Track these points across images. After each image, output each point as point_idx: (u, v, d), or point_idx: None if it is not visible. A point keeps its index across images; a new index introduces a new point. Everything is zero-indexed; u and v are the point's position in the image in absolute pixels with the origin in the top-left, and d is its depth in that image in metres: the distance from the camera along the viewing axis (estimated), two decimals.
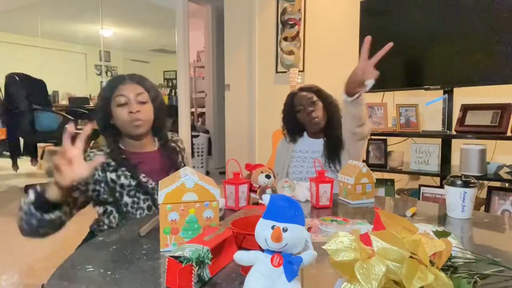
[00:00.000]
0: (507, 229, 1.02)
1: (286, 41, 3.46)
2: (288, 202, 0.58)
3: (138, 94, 1.24)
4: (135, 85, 1.26)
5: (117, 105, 1.22)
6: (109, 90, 1.25)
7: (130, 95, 1.22)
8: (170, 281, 0.64)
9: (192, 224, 0.82)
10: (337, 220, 1.02)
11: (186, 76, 4.15)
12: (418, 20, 2.30)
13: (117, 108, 1.22)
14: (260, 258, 0.58)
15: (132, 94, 1.23)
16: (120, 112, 1.22)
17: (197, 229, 0.82)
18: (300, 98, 1.68)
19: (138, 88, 1.25)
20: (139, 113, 1.22)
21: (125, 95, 1.22)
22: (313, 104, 1.65)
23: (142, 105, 1.24)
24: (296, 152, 1.76)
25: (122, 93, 1.22)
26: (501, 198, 2.09)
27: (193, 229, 0.82)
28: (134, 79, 1.28)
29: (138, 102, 1.23)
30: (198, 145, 4.81)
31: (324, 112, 1.66)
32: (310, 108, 1.64)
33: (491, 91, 2.25)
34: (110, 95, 1.24)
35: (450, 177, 1.09)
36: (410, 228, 0.55)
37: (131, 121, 1.21)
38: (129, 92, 1.23)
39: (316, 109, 1.65)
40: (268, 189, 1.18)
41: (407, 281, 0.46)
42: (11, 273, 2.13)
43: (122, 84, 1.25)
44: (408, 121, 2.43)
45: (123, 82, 1.25)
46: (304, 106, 1.66)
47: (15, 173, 4.69)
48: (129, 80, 1.26)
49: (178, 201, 0.81)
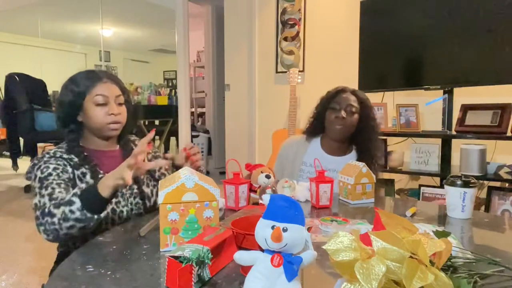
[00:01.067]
0: (507, 229, 1.02)
1: (286, 41, 3.46)
2: (288, 202, 0.58)
3: (117, 95, 1.17)
4: (114, 85, 1.19)
5: (95, 104, 1.14)
6: (83, 86, 1.15)
7: (110, 95, 1.15)
8: (170, 281, 0.64)
9: (192, 224, 0.82)
10: (337, 220, 1.02)
11: (186, 76, 4.15)
12: (418, 20, 2.30)
13: (94, 107, 1.14)
14: (260, 258, 0.58)
15: (111, 94, 1.16)
16: (97, 112, 1.14)
17: (197, 229, 0.82)
18: (344, 98, 1.51)
19: (116, 89, 1.18)
20: (119, 116, 1.16)
21: (105, 95, 1.14)
22: (350, 112, 1.49)
23: (120, 106, 1.18)
24: (306, 166, 1.58)
25: (102, 92, 1.14)
26: (501, 198, 2.09)
27: (193, 229, 0.82)
28: (112, 78, 1.20)
29: (117, 104, 1.17)
30: (198, 145, 4.81)
31: (354, 125, 1.50)
32: (342, 115, 1.48)
33: (491, 91, 2.25)
34: (85, 91, 1.15)
35: (450, 177, 1.09)
36: (410, 228, 0.55)
37: (108, 123, 1.15)
38: (109, 92, 1.15)
39: (348, 119, 1.49)
40: (268, 189, 1.18)
41: (407, 281, 0.46)
42: (11, 273, 2.13)
43: (101, 82, 1.16)
44: (408, 121, 2.43)
45: (102, 80, 1.17)
46: (340, 106, 1.50)
47: (15, 173, 4.69)
48: (108, 79, 1.18)
49: (178, 201, 0.81)
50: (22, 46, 7.01)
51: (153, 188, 1.27)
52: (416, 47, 2.32)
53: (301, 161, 1.59)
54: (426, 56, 2.30)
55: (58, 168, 1.09)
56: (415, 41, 2.32)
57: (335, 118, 1.50)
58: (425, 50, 2.29)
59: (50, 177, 1.05)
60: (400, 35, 2.36)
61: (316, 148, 1.61)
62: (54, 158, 1.11)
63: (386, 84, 2.50)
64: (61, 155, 1.12)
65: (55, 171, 1.07)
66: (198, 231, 0.82)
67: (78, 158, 1.14)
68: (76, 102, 1.15)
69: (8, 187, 4.46)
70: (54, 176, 1.06)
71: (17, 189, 4.29)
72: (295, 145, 1.65)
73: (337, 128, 1.50)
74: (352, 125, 1.51)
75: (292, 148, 1.65)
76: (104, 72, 1.22)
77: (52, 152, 1.13)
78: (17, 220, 3.11)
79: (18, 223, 3.03)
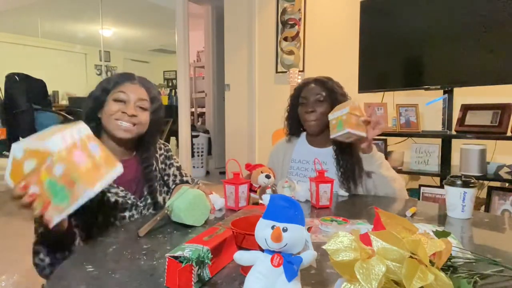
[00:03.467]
0: (507, 229, 1.02)
1: (286, 41, 3.46)
2: (288, 202, 0.58)
3: (141, 99, 1.13)
4: (142, 89, 1.14)
5: (113, 99, 1.10)
6: (112, 83, 1.13)
7: (132, 95, 1.11)
8: (170, 281, 0.64)
9: (54, 188, 0.72)
10: (337, 220, 1.02)
11: (186, 76, 4.15)
12: (418, 20, 2.30)
13: (112, 102, 1.10)
14: (260, 258, 0.58)
15: (134, 95, 1.11)
16: (112, 107, 1.09)
17: (62, 190, 0.72)
18: (308, 90, 1.47)
19: (143, 93, 1.14)
20: (134, 118, 1.10)
21: (127, 94, 1.11)
22: (318, 102, 1.44)
23: (140, 110, 1.12)
24: (295, 162, 1.54)
25: (124, 90, 1.11)
26: (501, 198, 2.09)
27: (60, 193, 0.72)
28: (143, 83, 1.17)
29: (137, 106, 1.12)
30: (198, 145, 4.81)
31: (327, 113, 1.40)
32: (310, 109, 1.44)
33: (491, 91, 2.25)
34: (111, 88, 1.12)
35: (450, 177, 1.09)
36: (410, 228, 0.55)
37: (117, 119, 1.09)
38: (131, 93, 1.11)
39: (318, 110, 1.44)
40: (268, 189, 1.18)
41: (407, 281, 0.46)
42: (11, 273, 2.13)
43: (129, 82, 1.14)
44: (408, 121, 2.43)
45: (131, 81, 1.14)
46: (307, 100, 1.46)
47: None
48: (138, 82, 1.15)
49: (23, 174, 0.73)
50: (22, 46, 7.01)
51: (165, 196, 1.24)
52: (416, 47, 2.32)
53: (290, 159, 1.56)
54: (426, 56, 2.30)
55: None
56: (415, 41, 2.32)
57: (305, 113, 1.46)
58: (425, 50, 2.29)
59: None
60: (400, 35, 2.36)
61: (302, 143, 1.57)
62: None
63: (386, 84, 2.50)
64: None
65: None
66: (65, 191, 0.72)
67: None
68: (100, 97, 1.12)
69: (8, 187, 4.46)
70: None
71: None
72: (281, 149, 1.61)
73: (311, 123, 1.46)
74: (325, 114, 1.41)
75: (278, 154, 1.61)
76: (141, 77, 1.19)
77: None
78: (17, 220, 3.10)
79: (18, 223, 3.02)
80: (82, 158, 0.74)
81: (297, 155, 1.55)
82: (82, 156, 0.74)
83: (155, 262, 0.77)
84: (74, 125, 0.79)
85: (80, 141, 0.76)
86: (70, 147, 0.73)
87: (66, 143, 0.72)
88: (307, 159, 1.51)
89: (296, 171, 1.53)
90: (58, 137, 0.72)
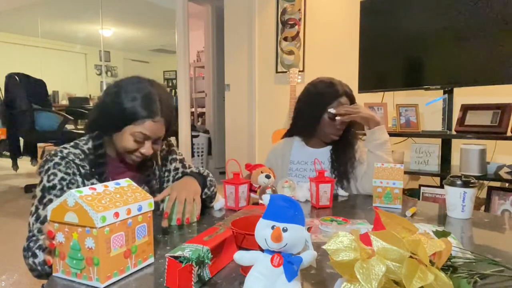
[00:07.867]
0: (507, 229, 1.02)
1: (286, 41, 3.46)
2: (288, 202, 0.58)
3: (159, 136, 1.08)
4: (163, 126, 1.08)
5: (131, 134, 1.04)
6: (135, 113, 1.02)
7: (151, 135, 1.05)
8: (170, 281, 0.64)
9: (75, 252, 0.68)
10: (337, 220, 1.02)
11: (186, 76, 4.15)
12: (418, 20, 2.30)
13: (129, 136, 1.04)
14: (260, 258, 0.58)
15: (154, 135, 1.06)
16: (129, 143, 1.04)
17: (80, 260, 0.68)
18: (340, 104, 1.45)
19: (162, 130, 1.08)
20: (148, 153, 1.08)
21: (147, 135, 1.04)
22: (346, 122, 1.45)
23: (155, 144, 1.10)
24: (293, 164, 1.55)
25: (145, 132, 1.03)
26: (501, 198, 2.09)
27: (77, 259, 0.68)
28: (166, 114, 1.07)
29: (154, 143, 1.09)
30: (198, 145, 4.81)
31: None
32: (340, 125, 1.44)
33: (491, 91, 2.25)
34: (131, 119, 1.03)
35: (450, 177, 1.09)
36: (410, 228, 0.55)
37: (132, 153, 1.07)
38: (152, 133, 1.05)
39: (344, 125, 1.46)
40: (268, 189, 1.18)
41: (407, 281, 0.46)
42: (11, 273, 2.13)
43: (150, 119, 1.03)
44: (408, 121, 2.43)
45: (154, 118, 1.04)
46: (339, 116, 1.43)
47: (15, 173, 4.69)
48: (161, 119, 1.06)
49: (61, 220, 0.68)
50: (22, 46, 7.01)
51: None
52: (416, 47, 2.32)
53: (288, 161, 1.56)
54: (426, 56, 2.30)
55: (66, 179, 1.00)
56: (415, 41, 2.32)
57: (333, 129, 1.45)
58: (425, 50, 2.29)
59: (53, 191, 0.98)
60: (400, 35, 2.36)
61: (299, 145, 1.58)
62: (66, 161, 1.02)
63: (386, 84, 2.50)
64: (74, 159, 1.03)
65: (60, 183, 0.99)
66: (81, 263, 0.68)
67: (91, 167, 1.06)
68: (116, 122, 1.04)
69: (8, 187, 4.46)
70: (57, 190, 0.98)
71: (17, 189, 4.29)
72: (280, 151, 1.60)
73: (333, 138, 1.48)
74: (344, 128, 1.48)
75: (276, 157, 1.60)
76: (161, 108, 1.06)
77: (65, 152, 1.03)
78: (17, 220, 3.11)
79: (18, 223, 3.02)
80: (117, 242, 0.69)
81: (295, 156, 1.56)
82: (119, 240, 0.70)
83: (155, 262, 0.77)
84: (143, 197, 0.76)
85: (132, 220, 0.72)
86: (117, 225, 0.69)
87: (115, 219, 0.68)
88: (305, 160, 1.53)
89: (295, 172, 1.54)
90: (111, 214, 0.67)
